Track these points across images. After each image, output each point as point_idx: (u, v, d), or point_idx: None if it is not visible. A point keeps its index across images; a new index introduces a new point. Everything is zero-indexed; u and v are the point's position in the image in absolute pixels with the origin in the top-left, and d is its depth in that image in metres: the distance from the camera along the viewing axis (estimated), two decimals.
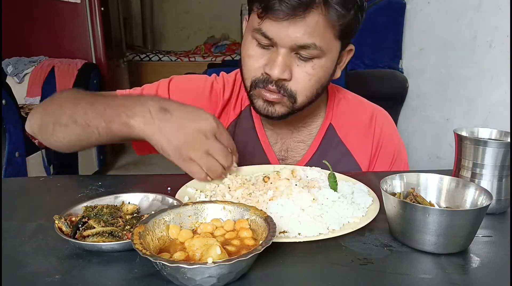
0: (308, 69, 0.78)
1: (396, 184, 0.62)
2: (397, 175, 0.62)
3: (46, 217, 0.60)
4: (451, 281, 0.47)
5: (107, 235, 0.52)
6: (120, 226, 0.54)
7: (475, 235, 0.54)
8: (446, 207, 0.61)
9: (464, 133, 0.69)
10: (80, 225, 0.54)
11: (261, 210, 0.54)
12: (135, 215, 0.59)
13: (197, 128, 0.67)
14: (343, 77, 1.35)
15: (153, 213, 0.53)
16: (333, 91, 0.98)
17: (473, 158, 0.65)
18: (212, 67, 3.09)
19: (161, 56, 5.32)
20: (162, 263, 0.41)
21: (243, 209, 0.54)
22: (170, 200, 0.62)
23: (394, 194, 0.60)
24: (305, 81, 0.79)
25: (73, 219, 0.55)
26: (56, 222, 0.53)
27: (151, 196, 0.63)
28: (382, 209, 0.61)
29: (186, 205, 0.55)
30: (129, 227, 0.54)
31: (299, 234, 0.56)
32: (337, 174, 0.70)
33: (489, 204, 0.53)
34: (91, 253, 0.51)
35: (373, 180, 0.77)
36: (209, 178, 0.69)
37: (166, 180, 0.76)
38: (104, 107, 0.71)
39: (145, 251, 0.43)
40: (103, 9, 3.48)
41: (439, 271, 0.49)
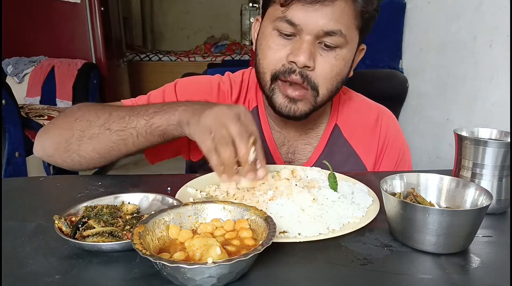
0: (331, 59, 0.78)
1: (396, 184, 0.62)
2: (397, 175, 0.62)
3: (46, 217, 0.60)
4: (451, 281, 0.47)
5: (107, 235, 0.52)
6: (120, 226, 0.54)
7: (475, 235, 0.54)
8: (446, 207, 0.61)
9: (464, 133, 0.69)
10: (80, 225, 0.54)
11: (261, 210, 0.54)
12: (135, 215, 0.59)
13: (225, 105, 0.66)
14: None
15: (153, 213, 0.53)
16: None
17: (473, 158, 0.65)
18: (212, 67, 3.09)
19: (161, 56, 5.32)
20: (162, 263, 0.41)
21: (243, 209, 0.54)
22: (170, 200, 0.62)
23: (394, 194, 0.60)
24: (328, 72, 0.79)
25: (73, 219, 0.55)
26: (56, 222, 0.53)
27: (151, 196, 0.63)
28: (382, 209, 0.61)
29: (186, 205, 0.55)
30: (129, 227, 0.54)
31: (299, 234, 0.55)
32: (337, 174, 0.70)
33: (489, 204, 0.53)
34: (91, 253, 0.51)
35: (373, 180, 0.77)
36: (217, 156, 0.62)
37: (166, 180, 0.77)
38: (145, 108, 0.72)
39: (145, 251, 0.43)
40: (103, 9, 3.49)
41: (439, 271, 0.49)
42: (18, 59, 3.24)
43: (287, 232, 0.56)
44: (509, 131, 0.70)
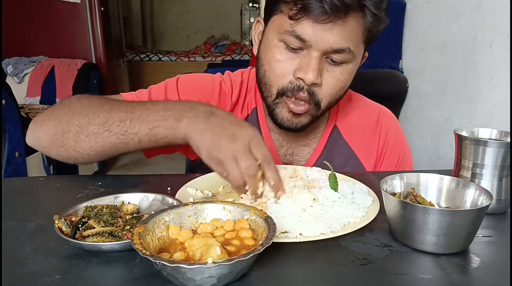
0: (337, 75, 0.77)
1: (396, 184, 0.62)
2: (397, 175, 0.62)
3: (46, 217, 0.60)
4: (451, 281, 0.47)
5: (107, 235, 0.52)
6: (120, 226, 0.54)
7: (475, 235, 0.54)
8: (446, 207, 0.61)
9: (464, 133, 0.69)
10: (80, 225, 0.54)
11: (261, 210, 0.54)
12: (135, 215, 0.59)
13: (233, 132, 0.64)
14: None
15: (153, 213, 0.53)
16: None
17: (473, 158, 0.65)
18: (212, 67, 3.09)
19: (161, 56, 5.32)
20: (162, 263, 0.41)
21: (243, 209, 0.54)
22: (170, 200, 0.62)
23: (394, 194, 0.60)
24: (332, 87, 0.78)
25: (73, 219, 0.55)
26: (56, 222, 0.53)
27: (151, 196, 0.63)
28: (382, 209, 0.61)
29: (186, 205, 0.55)
30: (129, 227, 0.54)
31: (301, 234, 0.55)
32: (337, 174, 0.70)
33: (489, 204, 0.53)
34: (91, 253, 0.51)
35: (373, 180, 0.77)
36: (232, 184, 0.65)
37: (166, 180, 0.77)
38: (146, 113, 0.69)
39: (145, 251, 0.43)
40: (103, 9, 3.49)
41: (439, 271, 0.49)
42: (18, 59, 3.24)
43: (288, 232, 0.56)
44: (509, 131, 0.70)
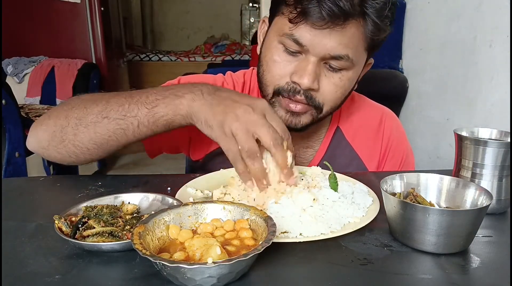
0: (336, 81, 0.77)
1: (396, 184, 0.62)
2: (397, 175, 0.62)
3: (46, 217, 0.60)
4: (451, 281, 0.47)
5: (107, 235, 0.52)
6: (120, 226, 0.54)
7: (475, 235, 0.54)
8: (446, 207, 0.61)
9: (464, 133, 0.69)
10: (80, 225, 0.54)
11: (261, 210, 0.54)
12: (135, 215, 0.59)
13: (248, 102, 0.61)
14: None
15: (153, 213, 0.53)
16: None
17: (473, 158, 0.65)
18: (212, 67, 3.09)
19: (161, 56, 5.33)
20: (162, 263, 0.41)
21: (243, 209, 0.54)
22: (170, 200, 0.62)
23: (394, 194, 0.60)
24: (332, 93, 0.78)
25: (73, 219, 0.55)
26: (56, 222, 0.53)
27: (151, 196, 0.63)
28: (382, 209, 0.61)
29: (186, 205, 0.55)
30: (129, 227, 0.54)
31: (301, 234, 0.55)
32: (337, 174, 0.70)
33: (489, 204, 0.53)
34: (91, 253, 0.51)
35: (373, 180, 0.77)
36: (246, 164, 0.61)
37: (166, 180, 0.77)
38: (145, 95, 0.67)
39: (145, 251, 0.43)
40: (103, 9, 3.49)
41: (439, 271, 0.49)
42: (18, 59, 3.24)
43: (288, 232, 0.56)
44: (509, 131, 0.70)
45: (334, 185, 0.67)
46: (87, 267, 0.49)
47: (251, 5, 6.21)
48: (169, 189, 0.71)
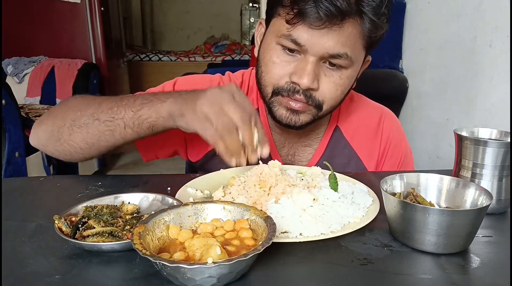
0: (335, 79, 0.77)
1: (396, 184, 0.62)
2: (397, 175, 0.62)
3: (46, 217, 0.60)
4: (451, 281, 0.47)
5: (107, 235, 0.52)
6: (120, 226, 0.54)
7: (475, 235, 0.54)
8: (446, 207, 0.61)
9: (464, 133, 0.69)
10: (80, 225, 0.54)
11: (261, 210, 0.54)
12: (135, 215, 0.59)
13: (217, 87, 0.66)
14: None
15: (153, 213, 0.53)
16: None
17: (473, 158, 0.65)
18: (212, 67, 3.09)
19: (161, 56, 5.32)
20: (162, 263, 0.41)
21: (243, 209, 0.54)
22: (170, 200, 0.62)
23: (394, 194, 0.60)
24: (332, 92, 0.78)
25: (73, 219, 0.55)
26: (56, 222, 0.53)
27: (151, 196, 0.63)
28: (382, 209, 0.61)
29: (186, 205, 0.55)
30: (129, 227, 0.54)
31: (301, 234, 0.55)
32: (337, 174, 0.70)
33: (489, 204, 0.53)
34: (91, 253, 0.51)
35: (373, 180, 0.77)
36: (224, 143, 0.63)
37: (166, 180, 0.77)
38: (133, 99, 0.71)
39: (145, 251, 0.43)
40: (103, 9, 3.49)
41: (439, 271, 0.49)
42: (18, 59, 3.24)
43: (288, 232, 0.56)
44: (509, 131, 0.70)
45: (334, 185, 0.67)
46: (87, 267, 0.49)
47: (251, 5, 6.21)
48: (169, 189, 0.71)
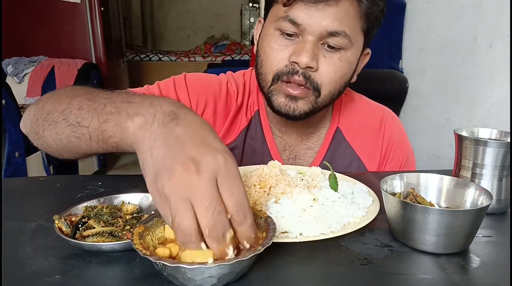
0: (335, 61, 0.77)
1: (396, 184, 0.62)
2: (397, 175, 0.62)
3: (46, 217, 0.60)
4: (451, 281, 0.47)
5: (107, 235, 0.52)
6: (120, 226, 0.54)
7: (475, 235, 0.54)
8: (446, 207, 0.61)
9: (464, 133, 0.69)
10: (80, 225, 0.54)
11: (261, 210, 0.54)
12: (135, 215, 0.59)
13: (195, 156, 0.42)
14: None
15: (153, 213, 0.53)
16: None
17: (473, 158, 0.65)
18: (212, 67, 3.09)
19: (161, 56, 5.32)
20: (162, 263, 0.41)
21: None
22: None
23: (394, 194, 0.60)
24: (331, 74, 0.78)
25: (73, 219, 0.55)
26: (56, 222, 0.53)
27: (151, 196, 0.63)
28: (382, 209, 0.61)
29: None
30: (129, 227, 0.54)
31: (301, 234, 0.55)
32: (337, 174, 0.70)
33: (489, 204, 0.53)
34: (91, 253, 0.51)
35: (373, 180, 0.77)
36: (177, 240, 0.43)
37: None
38: (106, 102, 0.53)
39: (145, 251, 0.43)
40: (103, 9, 3.49)
41: (439, 271, 0.49)
42: (18, 59, 3.24)
43: (288, 232, 0.56)
44: (509, 131, 0.70)
45: (334, 185, 0.67)
46: (87, 267, 0.49)
47: (251, 5, 6.21)
48: None
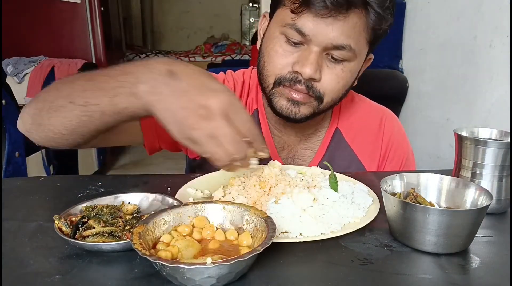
0: (338, 72, 0.77)
1: (396, 184, 0.62)
2: (397, 175, 0.62)
3: (46, 217, 0.60)
4: (451, 281, 0.47)
5: (107, 235, 0.52)
6: (120, 226, 0.54)
7: (475, 235, 0.54)
8: (446, 207, 0.61)
9: (464, 133, 0.69)
10: (80, 225, 0.54)
11: (261, 210, 0.54)
12: (135, 215, 0.59)
13: (203, 102, 0.51)
14: None
15: (153, 213, 0.53)
16: None
17: (473, 158, 0.65)
18: (212, 67, 3.09)
19: (161, 56, 5.32)
20: (161, 263, 0.41)
21: (243, 209, 0.54)
22: (170, 200, 0.62)
23: (394, 194, 0.60)
24: (334, 84, 0.77)
25: (73, 219, 0.55)
26: (56, 222, 0.53)
27: (151, 196, 0.63)
28: (382, 209, 0.61)
29: (186, 205, 0.55)
30: (129, 227, 0.54)
31: (301, 234, 0.55)
32: (337, 174, 0.70)
33: (489, 204, 0.53)
34: (91, 253, 0.51)
35: (373, 180, 0.77)
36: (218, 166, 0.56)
37: (166, 180, 0.77)
38: (105, 79, 0.59)
39: (144, 251, 0.43)
40: (103, 9, 3.49)
41: (439, 271, 0.49)
42: (18, 59, 3.24)
43: (288, 232, 0.56)
44: (509, 131, 0.70)
45: (334, 185, 0.67)
46: (87, 267, 0.49)
47: (251, 5, 6.21)
48: (169, 189, 0.71)
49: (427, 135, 1.91)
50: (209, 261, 0.42)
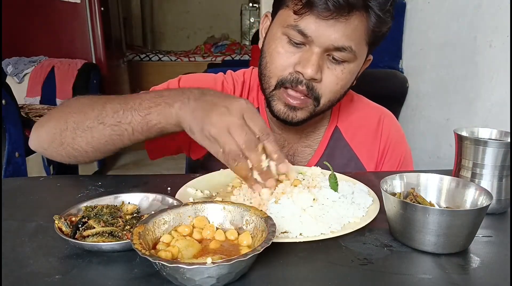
0: (338, 73, 0.78)
1: (396, 184, 0.62)
2: (397, 175, 0.62)
3: (46, 217, 0.60)
4: (451, 281, 0.47)
5: (107, 235, 0.52)
6: (120, 226, 0.54)
7: (475, 235, 0.54)
8: (446, 207, 0.61)
9: (464, 133, 0.69)
10: (80, 225, 0.54)
11: (261, 210, 0.54)
12: (135, 215, 0.59)
13: (224, 105, 0.61)
14: None
15: (153, 213, 0.53)
16: None
17: (473, 158, 0.65)
18: (212, 67, 3.09)
19: (161, 56, 5.32)
20: (161, 263, 0.41)
21: (243, 210, 0.54)
22: (170, 200, 0.62)
23: (394, 194, 0.60)
24: (333, 85, 0.79)
25: (73, 219, 0.55)
26: (56, 222, 0.53)
27: (151, 196, 0.63)
28: (382, 209, 0.61)
29: (186, 205, 0.55)
30: (129, 227, 0.54)
31: (301, 234, 0.55)
32: (337, 174, 0.70)
33: (489, 204, 0.53)
34: (91, 253, 0.51)
35: (373, 180, 0.77)
36: (232, 167, 0.61)
37: (166, 180, 0.76)
38: (139, 101, 0.68)
39: (144, 251, 0.43)
40: (103, 9, 3.49)
41: (439, 271, 0.49)
42: (18, 59, 3.24)
43: (288, 232, 0.56)
44: (509, 131, 0.70)
45: (334, 185, 0.67)
46: (87, 267, 0.49)
47: (251, 5, 6.21)
48: (169, 189, 0.71)
49: (427, 135, 1.91)
50: (209, 261, 0.42)
